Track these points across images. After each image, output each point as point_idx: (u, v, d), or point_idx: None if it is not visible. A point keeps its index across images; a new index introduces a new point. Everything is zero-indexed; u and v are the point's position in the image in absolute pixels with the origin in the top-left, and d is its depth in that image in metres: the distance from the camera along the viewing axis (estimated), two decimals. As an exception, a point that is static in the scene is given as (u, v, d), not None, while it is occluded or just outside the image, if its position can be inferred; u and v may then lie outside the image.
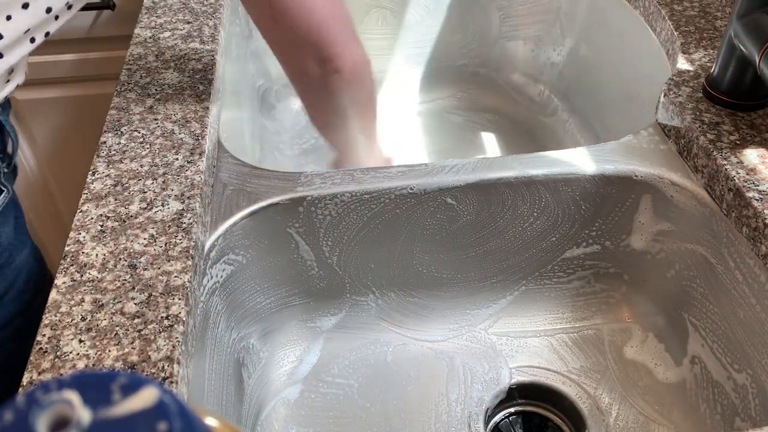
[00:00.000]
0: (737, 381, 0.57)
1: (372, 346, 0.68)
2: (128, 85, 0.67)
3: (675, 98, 0.64)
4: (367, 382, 0.65)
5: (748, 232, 0.53)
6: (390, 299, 0.68)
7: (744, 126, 0.60)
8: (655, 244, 0.65)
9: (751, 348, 0.55)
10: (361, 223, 0.62)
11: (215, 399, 0.53)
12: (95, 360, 0.42)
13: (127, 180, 0.56)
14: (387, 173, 0.61)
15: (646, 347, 0.66)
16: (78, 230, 0.51)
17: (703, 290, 0.61)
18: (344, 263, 0.65)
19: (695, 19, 0.75)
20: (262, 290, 0.64)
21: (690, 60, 0.69)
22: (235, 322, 0.61)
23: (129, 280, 0.48)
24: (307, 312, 0.67)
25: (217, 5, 0.80)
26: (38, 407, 0.17)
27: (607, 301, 0.70)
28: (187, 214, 0.53)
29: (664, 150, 0.63)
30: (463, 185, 0.61)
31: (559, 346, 0.67)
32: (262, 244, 0.61)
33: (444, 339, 0.68)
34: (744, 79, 0.60)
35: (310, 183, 0.60)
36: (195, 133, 0.61)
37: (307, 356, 0.66)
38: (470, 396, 0.63)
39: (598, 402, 0.62)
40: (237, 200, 0.59)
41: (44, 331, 0.44)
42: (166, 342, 0.43)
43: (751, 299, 0.54)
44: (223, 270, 0.58)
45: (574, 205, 0.64)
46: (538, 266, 0.68)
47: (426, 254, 0.66)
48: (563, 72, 1.01)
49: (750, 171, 0.55)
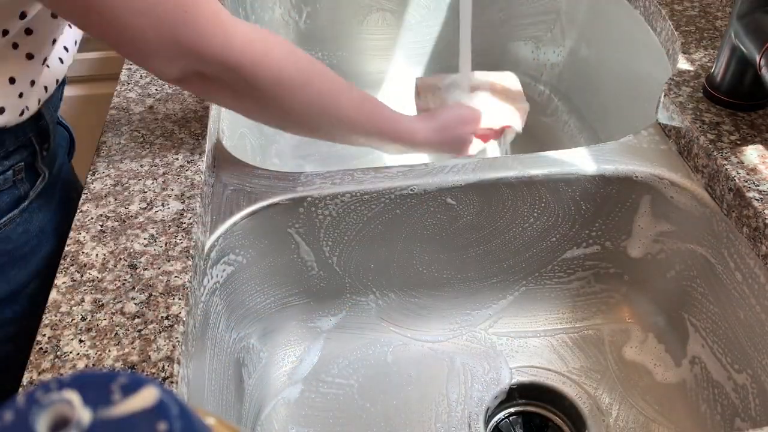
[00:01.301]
0: (737, 381, 0.57)
1: (372, 346, 0.68)
2: (128, 85, 0.67)
3: (675, 98, 0.64)
4: (367, 382, 0.65)
5: (749, 233, 0.53)
6: (390, 299, 0.68)
7: (744, 126, 0.60)
8: (656, 244, 0.65)
9: (752, 348, 0.55)
10: (362, 223, 0.62)
11: (215, 399, 0.53)
12: (95, 360, 0.42)
13: (127, 180, 0.56)
14: (387, 173, 0.61)
15: (646, 347, 0.66)
16: (78, 230, 0.51)
17: (703, 290, 0.61)
18: (344, 263, 0.65)
19: (696, 19, 0.75)
20: (262, 290, 0.64)
21: (690, 60, 0.69)
22: (236, 322, 0.61)
23: (129, 280, 0.48)
24: (308, 312, 0.67)
25: (217, 5, 0.80)
26: (38, 407, 0.17)
27: (607, 302, 0.70)
28: (187, 214, 0.53)
29: (665, 150, 0.63)
30: (464, 185, 0.61)
31: (559, 347, 0.67)
32: (262, 244, 0.61)
33: (444, 339, 0.68)
34: (744, 79, 0.60)
35: (311, 183, 0.60)
36: (195, 133, 0.61)
37: (308, 356, 0.66)
38: (470, 396, 0.63)
39: (599, 402, 0.62)
40: (237, 200, 0.59)
41: (44, 331, 0.44)
42: (167, 342, 0.43)
43: (752, 299, 0.54)
44: (224, 270, 0.58)
45: (574, 205, 0.64)
46: (538, 266, 0.68)
47: (426, 254, 0.66)
48: (563, 72, 1.01)
49: (750, 171, 0.55)
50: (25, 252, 0.55)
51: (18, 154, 0.53)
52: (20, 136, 0.53)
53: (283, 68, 0.53)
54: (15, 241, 0.54)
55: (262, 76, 0.52)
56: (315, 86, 0.56)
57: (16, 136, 0.52)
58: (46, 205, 0.57)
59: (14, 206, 0.54)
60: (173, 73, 0.51)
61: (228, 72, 0.51)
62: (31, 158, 0.55)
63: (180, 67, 0.50)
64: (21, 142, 0.53)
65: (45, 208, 0.56)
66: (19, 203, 0.54)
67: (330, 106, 0.58)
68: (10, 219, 0.53)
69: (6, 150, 0.52)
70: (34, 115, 0.53)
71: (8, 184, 0.53)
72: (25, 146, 0.54)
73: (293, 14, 1.03)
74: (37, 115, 0.54)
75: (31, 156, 0.54)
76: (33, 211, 0.55)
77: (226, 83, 0.52)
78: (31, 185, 0.55)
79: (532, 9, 1.02)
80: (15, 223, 0.54)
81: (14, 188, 0.54)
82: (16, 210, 0.54)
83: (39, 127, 0.55)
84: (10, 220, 0.53)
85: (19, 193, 0.54)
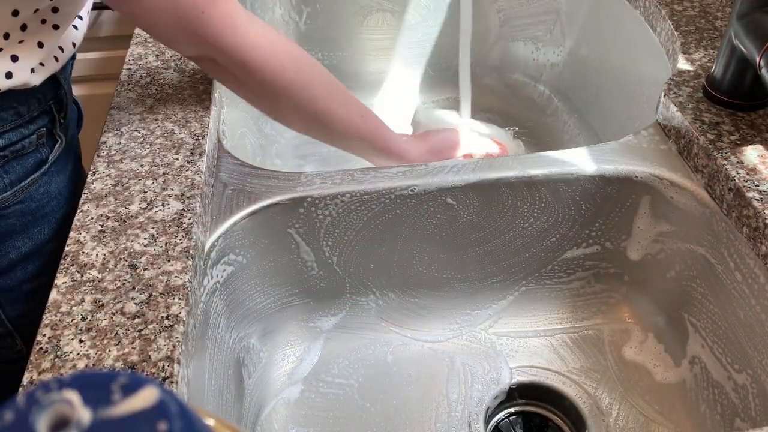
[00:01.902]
0: (737, 381, 0.57)
1: (372, 346, 0.68)
2: (128, 85, 0.67)
3: (675, 98, 0.64)
4: (367, 382, 0.65)
5: (749, 233, 0.53)
6: (390, 299, 0.68)
7: (744, 126, 0.60)
8: (655, 244, 0.65)
9: (752, 348, 0.55)
10: (362, 223, 0.62)
11: (215, 399, 0.53)
12: (95, 360, 0.42)
13: (127, 180, 0.56)
14: (387, 173, 0.61)
15: (646, 347, 0.66)
16: (78, 230, 0.51)
17: (703, 290, 0.61)
18: (344, 263, 0.65)
19: (695, 19, 0.75)
20: (262, 290, 0.64)
21: (690, 60, 0.69)
22: (236, 322, 0.61)
23: (129, 280, 0.48)
24: (308, 312, 0.67)
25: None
26: (38, 407, 0.17)
27: (607, 302, 0.70)
28: (188, 214, 0.53)
29: (665, 150, 0.63)
30: (464, 185, 0.61)
31: (559, 346, 0.67)
32: (262, 243, 0.61)
33: (444, 339, 0.68)
34: (744, 79, 0.60)
35: (311, 183, 0.60)
36: (195, 133, 0.61)
37: (308, 356, 0.66)
38: (470, 396, 0.63)
39: (599, 402, 0.62)
40: (237, 200, 0.59)
41: (44, 330, 0.44)
42: (167, 342, 0.43)
43: (751, 299, 0.54)
44: (224, 270, 0.58)
45: (574, 205, 0.64)
46: (538, 266, 0.68)
47: (426, 254, 0.66)
48: (564, 72, 1.01)
49: (750, 171, 0.55)
50: (46, 212, 0.60)
51: (40, 120, 0.58)
52: (42, 102, 0.57)
53: (285, 71, 0.60)
54: (38, 200, 0.59)
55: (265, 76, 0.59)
56: (313, 91, 0.63)
57: (38, 101, 0.57)
58: (63, 170, 0.62)
59: (37, 168, 0.58)
60: (189, 53, 0.60)
61: (236, 66, 0.58)
62: (51, 125, 0.59)
63: (196, 51, 0.58)
64: (42, 109, 0.57)
65: (62, 173, 0.61)
66: (41, 166, 0.59)
67: (325, 112, 0.64)
68: (34, 180, 0.58)
69: (31, 115, 0.56)
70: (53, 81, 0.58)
71: (32, 147, 0.57)
72: (46, 112, 0.58)
73: (293, 15, 1.03)
74: (56, 83, 0.59)
75: (50, 122, 0.59)
76: (52, 175, 0.60)
77: (233, 74, 0.59)
78: (51, 150, 0.60)
79: (532, 9, 1.02)
80: (38, 185, 0.59)
81: (37, 152, 0.58)
82: (38, 172, 0.58)
83: (57, 95, 0.59)
84: (33, 181, 0.58)
85: (41, 157, 0.59)
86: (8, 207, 0.57)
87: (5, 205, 0.56)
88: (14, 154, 0.56)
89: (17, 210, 0.58)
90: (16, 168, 0.56)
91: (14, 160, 0.56)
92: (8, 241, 0.58)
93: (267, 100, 0.63)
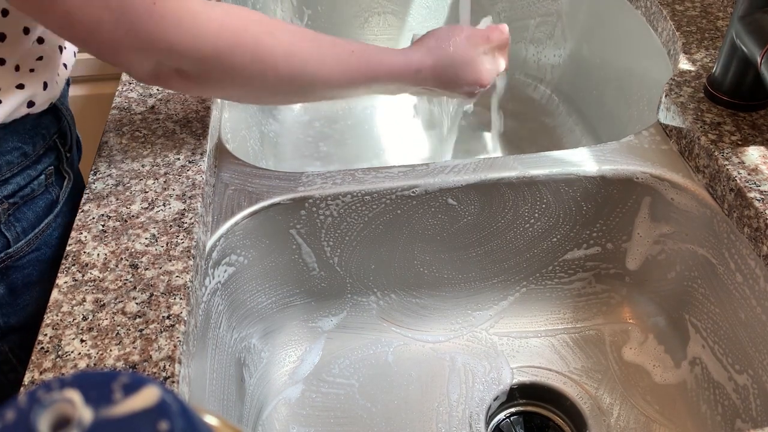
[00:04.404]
0: (738, 382, 0.57)
1: (373, 346, 0.68)
2: (129, 84, 0.68)
3: (676, 98, 0.64)
4: (368, 382, 0.65)
5: (750, 233, 0.53)
6: (391, 299, 0.68)
7: (745, 126, 0.60)
8: (656, 245, 0.65)
9: (752, 349, 0.55)
10: (363, 224, 0.62)
11: (216, 398, 0.53)
12: (97, 359, 0.42)
13: (128, 180, 0.56)
14: (388, 173, 0.61)
15: (647, 348, 0.66)
16: (79, 230, 0.52)
17: (704, 291, 0.61)
18: (345, 263, 0.65)
19: (697, 20, 0.75)
20: (263, 290, 0.64)
21: (691, 60, 0.69)
22: (237, 322, 0.61)
23: (130, 279, 0.48)
24: (309, 312, 0.67)
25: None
26: (40, 406, 0.17)
27: (608, 302, 0.70)
28: (189, 213, 0.53)
29: (666, 150, 0.63)
30: (465, 185, 0.61)
31: (560, 347, 0.67)
32: (264, 243, 0.61)
33: (445, 339, 0.68)
34: (745, 80, 0.60)
35: (312, 183, 0.60)
36: (196, 133, 0.61)
37: (309, 356, 0.66)
38: (471, 396, 0.63)
39: (599, 402, 0.62)
40: (238, 200, 0.59)
41: (46, 330, 0.44)
42: (168, 342, 0.43)
43: (752, 300, 0.54)
44: (225, 270, 0.58)
45: (575, 206, 0.64)
46: (539, 267, 0.68)
47: (427, 254, 0.66)
48: (565, 73, 1.01)
49: (751, 171, 0.55)
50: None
51: (46, 158, 0.55)
52: (47, 138, 0.55)
53: (260, 43, 0.50)
54: (53, 246, 0.56)
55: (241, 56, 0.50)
56: (297, 56, 0.53)
57: (43, 138, 0.54)
58: (75, 208, 0.57)
59: (49, 211, 0.56)
60: (146, 69, 0.48)
61: (205, 63, 0.49)
62: (57, 161, 0.57)
63: (153, 63, 0.48)
64: (48, 145, 0.55)
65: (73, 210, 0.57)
66: (52, 208, 0.56)
67: (319, 72, 0.55)
68: (47, 225, 0.56)
69: (37, 154, 0.54)
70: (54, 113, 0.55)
71: (41, 189, 0.55)
72: (51, 149, 0.56)
73: (295, 18, 1.03)
74: (57, 115, 0.56)
75: (57, 159, 0.57)
76: (65, 215, 0.58)
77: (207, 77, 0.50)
78: (60, 188, 0.58)
79: (533, 10, 1.02)
80: (51, 228, 0.56)
81: (47, 193, 0.56)
82: (51, 215, 0.56)
83: (61, 128, 0.57)
84: (47, 225, 0.56)
85: (51, 198, 0.57)
86: (23, 257, 0.54)
87: (20, 256, 0.53)
88: (24, 199, 0.53)
89: (33, 259, 0.55)
90: (27, 214, 0.54)
91: (24, 205, 0.53)
92: (26, 293, 0.55)
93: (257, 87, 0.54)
